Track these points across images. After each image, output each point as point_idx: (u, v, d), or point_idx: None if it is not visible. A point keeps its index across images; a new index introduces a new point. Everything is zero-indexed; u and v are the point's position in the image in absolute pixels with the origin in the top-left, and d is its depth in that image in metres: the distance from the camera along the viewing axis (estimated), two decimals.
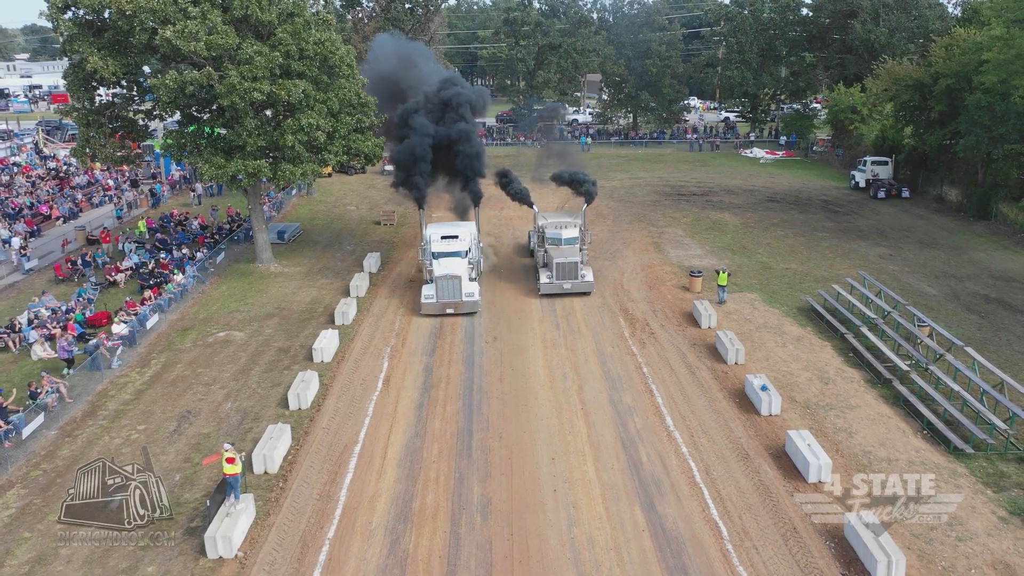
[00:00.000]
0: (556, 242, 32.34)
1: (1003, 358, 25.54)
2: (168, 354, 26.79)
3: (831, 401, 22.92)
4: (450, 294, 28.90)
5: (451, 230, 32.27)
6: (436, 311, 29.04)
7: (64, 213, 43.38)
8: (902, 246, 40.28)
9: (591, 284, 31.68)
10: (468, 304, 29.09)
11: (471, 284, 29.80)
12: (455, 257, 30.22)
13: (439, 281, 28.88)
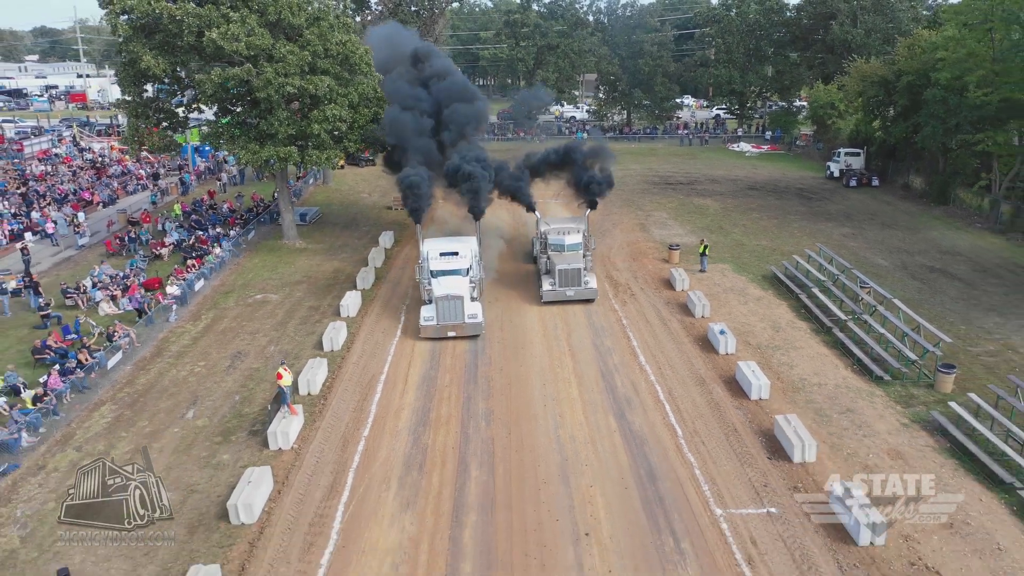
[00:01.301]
0: (559, 248, 31.60)
1: (933, 313, 29.76)
2: (215, 311, 31.14)
3: (779, 344, 27.23)
4: (451, 316, 27.02)
5: (451, 246, 30.22)
6: (436, 335, 27.20)
7: (104, 199, 47.70)
8: (865, 227, 44.53)
9: (595, 291, 30.89)
10: (471, 326, 27.22)
11: (473, 304, 27.76)
12: (455, 276, 28.32)
13: (439, 302, 27.00)
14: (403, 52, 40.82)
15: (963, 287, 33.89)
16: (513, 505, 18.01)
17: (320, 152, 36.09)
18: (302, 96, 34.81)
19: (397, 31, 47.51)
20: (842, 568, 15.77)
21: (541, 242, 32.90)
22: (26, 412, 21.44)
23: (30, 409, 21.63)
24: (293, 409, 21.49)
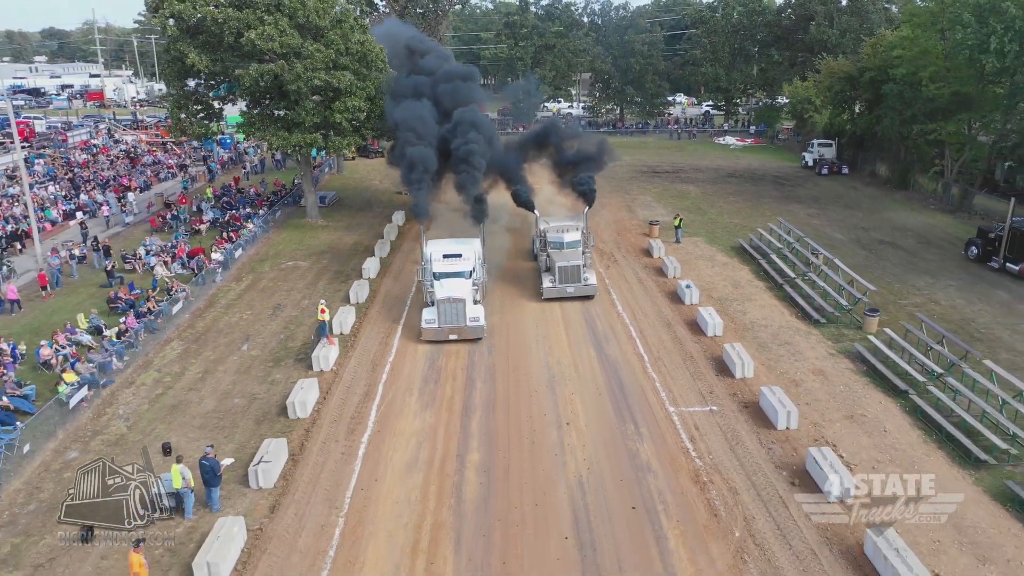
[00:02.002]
0: (558, 246, 32.03)
1: (874, 275, 34.43)
2: (254, 274, 36.01)
3: (737, 297, 32.12)
4: (453, 319, 26.93)
5: (454, 247, 29.94)
6: (437, 337, 27.07)
7: (139, 185, 52.53)
8: (829, 208, 49.37)
9: (594, 287, 31.39)
10: (472, 329, 27.11)
11: (475, 307, 27.60)
12: (458, 278, 28.11)
13: (441, 305, 26.92)
14: (401, 45, 45.30)
15: (906, 255, 38.73)
16: (510, 405, 22.87)
17: (341, 138, 40.96)
18: (326, 89, 39.59)
19: (396, 26, 52.34)
20: (761, 443, 20.61)
21: (541, 240, 33.23)
22: (113, 343, 26.29)
23: (116, 341, 26.48)
24: (331, 340, 26.37)
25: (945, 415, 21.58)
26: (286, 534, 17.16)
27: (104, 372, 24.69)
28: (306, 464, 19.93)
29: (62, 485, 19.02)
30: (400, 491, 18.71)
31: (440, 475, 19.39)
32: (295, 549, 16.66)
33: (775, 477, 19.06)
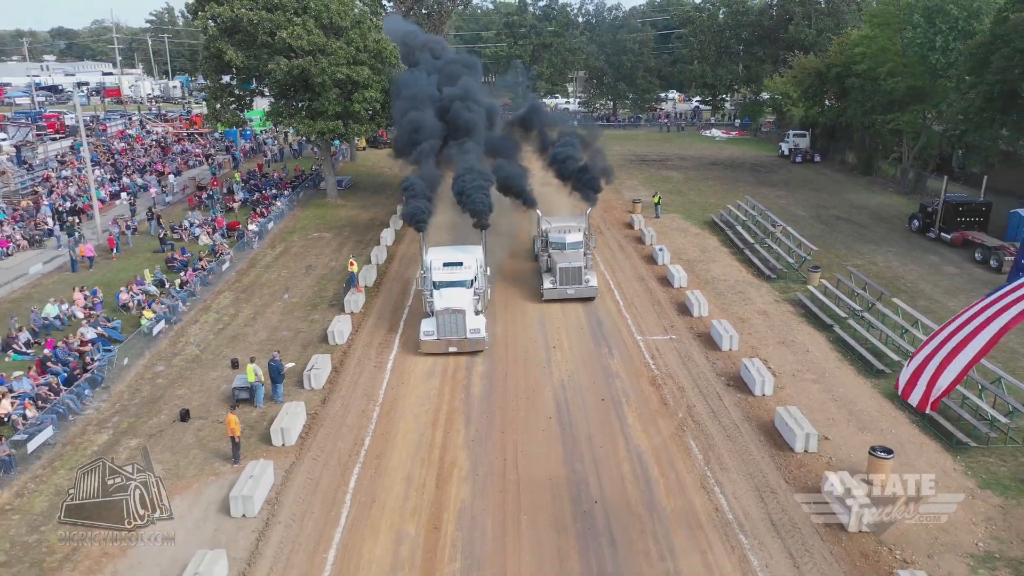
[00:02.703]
0: (560, 247, 31.82)
1: (826, 243, 39.69)
2: (285, 243, 41.30)
3: (703, 259, 37.43)
4: (453, 330, 25.86)
5: (454, 256, 29.11)
6: (437, 349, 26.02)
7: (172, 170, 57.79)
8: (797, 191, 54.65)
9: (595, 289, 31.19)
10: (473, 341, 26.03)
11: (476, 318, 26.62)
12: (459, 288, 27.21)
13: (440, 316, 25.83)
14: (406, 41, 50.14)
15: (857, 228, 44.03)
16: (508, 336, 28.17)
17: (360, 126, 46.24)
18: (346, 82, 44.80)
19: (397, 22, 57.60)
20: (708, 359, 25.91)
21: (542, 240, 33.04)
22: (178, 291, 31.61)
23: (180, 290, 31.80)
24: (359, 288, 31.68)
25: (860, 342, 26.87)
26: (336, 416, 22.48)
27: (173, 313, 29.98)
28: (346, 373, 25.28)
29: (155, 387, 24.38)
30: (422, 390, 24.03)
31: (452, 380, 24.71)
32: (344, 424, 21.99)
33: (715, 381, 24.38)
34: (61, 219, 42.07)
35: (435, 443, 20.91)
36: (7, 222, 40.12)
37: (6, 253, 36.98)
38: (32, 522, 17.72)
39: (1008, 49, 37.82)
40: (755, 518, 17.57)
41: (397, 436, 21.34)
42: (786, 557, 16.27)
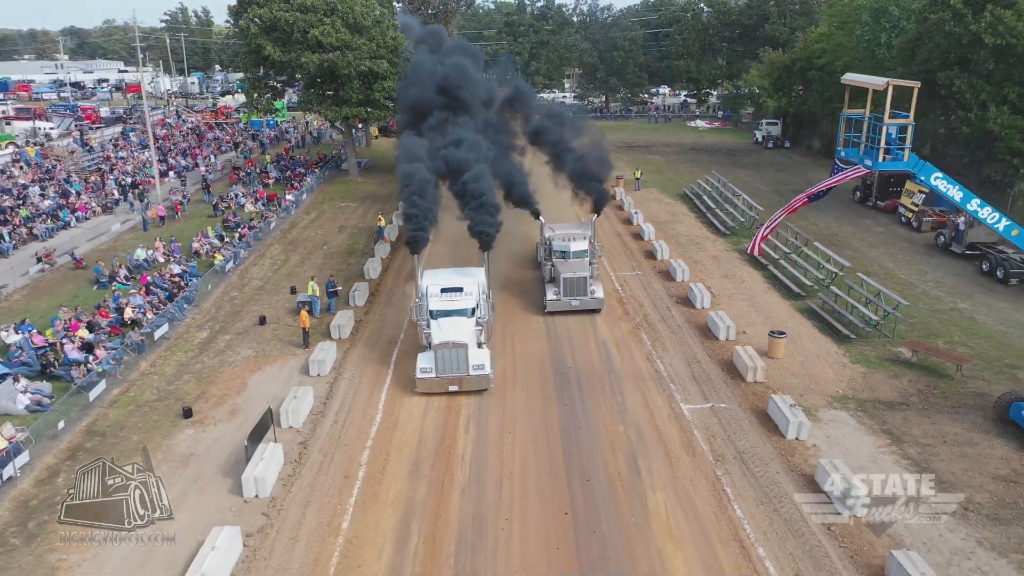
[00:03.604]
0: (564, 255, 30.41)
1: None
2: (317, 210, 48.44)
3: (671, 221, 44.60)
4: (453, 367, 22.91)
5: (454, 280, 26.01)
6: (435, 388, 23.07)
7: (208, 153, 64.94)
8: (764, 171, 61.73)
9: (601, 301, 29.57)
10: (476, 379, 23.08)
11: (480, 352, 23.68)
12: (459, 317, 24.25)
13: (439, 351, 22.88)
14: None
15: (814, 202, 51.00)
16: (504, 267, 35.26)
17: (380, 111, 53.36)
18: (368, 73, 51.86)
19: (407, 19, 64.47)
20: (664, 287, 33.05)
21: (545, 248, 31.85)
22: (239, 242, 38.77)
23: (239, 240, 38.95)
24: (386, 239, 38.84)
25: (787, 277, 34.03)
26: (375, 322, 29.67)
27: (236, 257, 37.13)
28: (380, 295, 32.53)
29: (234, 305, 31.53)
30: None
31: None
32: (384, 325, 29.18)
33: (667, 299, 31.55)
34: (124, 191, 49.18)
35: None
36: (83, 192, 47.23)
37: (85, 217, 44.06)
38: (168, 378, 24.93)
39: (930, 44, 44.89)
40: (682, 375, 24.76)
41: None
42: (699, 393, 23.46)
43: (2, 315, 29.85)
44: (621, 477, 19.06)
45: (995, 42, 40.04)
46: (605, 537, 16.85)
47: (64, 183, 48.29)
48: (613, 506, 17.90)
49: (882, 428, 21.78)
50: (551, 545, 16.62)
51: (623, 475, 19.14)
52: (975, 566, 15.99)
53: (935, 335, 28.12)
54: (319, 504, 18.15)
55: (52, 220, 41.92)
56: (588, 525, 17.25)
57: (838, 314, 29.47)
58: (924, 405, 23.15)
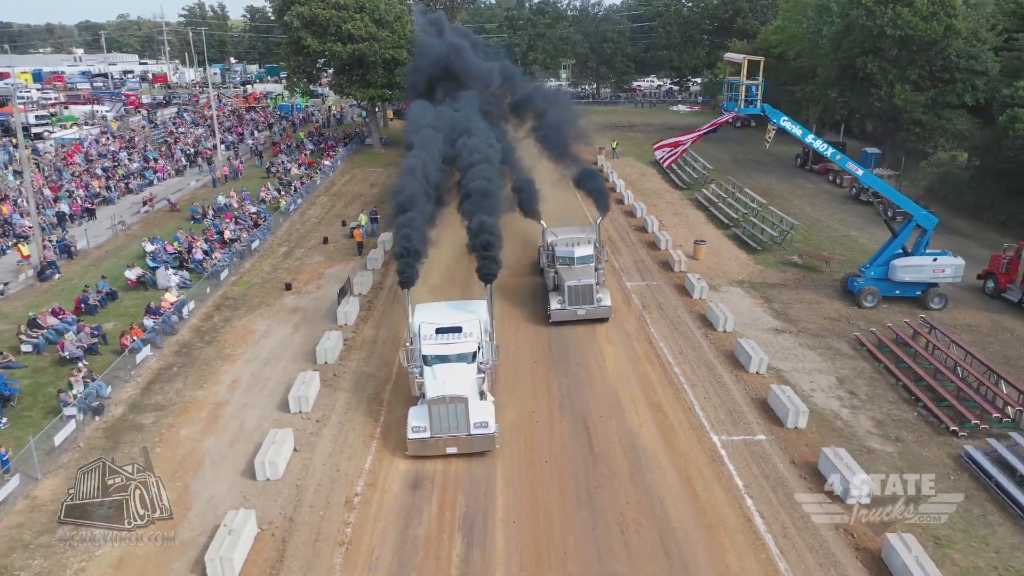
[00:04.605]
0: (568, 261, 28.94)
1: (729, 172, 57.04)
2: (350, 174, 58.70)
3: (640, 179, 54.88)
4: (452, 425, 19.46)
5: (451, 317, 22.46)
6: (430, 451, 19.61)
7: (250, 131, 75.20)
8: (727, 144, 71.79)
9: (608, 309, 28.11)
10: (479, 439, 19.62)
11: (483, 406, 20.21)
12: (459, 363, 20.96)
13: (434, 407, 19.41)
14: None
15: (758, 165, 61.40)
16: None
17: (400, 92, 63.59)
18: (390, 61, 61.95)
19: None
20: (626, 220, 43.30)
21: (548, 254, 30.44)
22: (295, 191, 49.08)
23: (296, 191, 49.26)
24: None
25: (722, 214, 44.28)
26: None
27: (295, 203, 47.43)
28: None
29: (301, 232, 41.79)
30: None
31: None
32: None
33: (627, 227, 41.85)
34: (190, 158, 59.46)
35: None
36: (159, 158, 57.55)
37: (163, 177, 54.32)
38: (266, 272, 35.29)
39: (851, 35, 55.01)
40: (629, 268, 35.03)
41: None
42: (639, 277, 33.76)
43: (129, 239, 40.15)
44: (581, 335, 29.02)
45: (896, 33, 50.14)
46: (571, 350, 27.17)
47: (143, 151, 58.57)
48: (577, 347, 28.00)
49: (762, 296, 32.15)
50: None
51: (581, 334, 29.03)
52: (792, 353, 26.37)
53: (823, 249, 38.34)
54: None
55: (141, 178, 52.20)
56: (560, 369, 27.54)
57: (752, 235, 39.79)
58: (795, 285, 33.53)
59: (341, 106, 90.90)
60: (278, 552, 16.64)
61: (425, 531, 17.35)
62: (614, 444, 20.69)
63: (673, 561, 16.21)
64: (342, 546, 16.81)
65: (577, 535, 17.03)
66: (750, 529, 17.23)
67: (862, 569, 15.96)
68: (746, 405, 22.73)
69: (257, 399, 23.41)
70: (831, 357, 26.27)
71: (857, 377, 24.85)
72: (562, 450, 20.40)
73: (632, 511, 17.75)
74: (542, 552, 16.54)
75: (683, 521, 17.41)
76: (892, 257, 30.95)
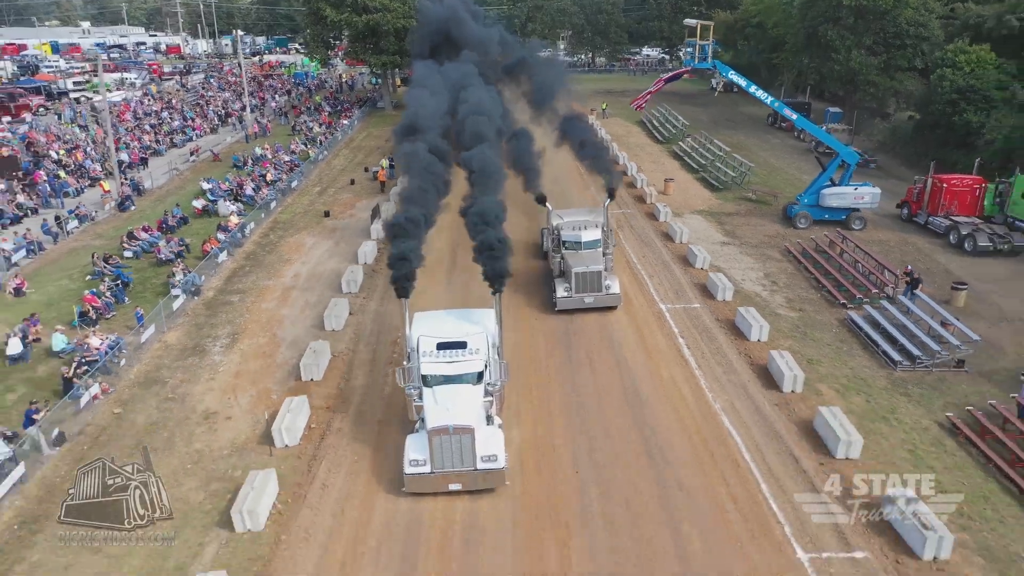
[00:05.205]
0: (575, 246, 27.88)
1: (707, 129, 63.70)
2: (366, 132, 65.34)
3: (626, 135, 61.60)
4: (455, 460, 17.20)
5: (454, 328, 19.57)
6: (431, 488, 17.38)
7: (272, 95, 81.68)
8: (709, 108, 78.33)
9: (617, 297, 26.98)
10: (487, 475, 17.31)
11: (491, 435, 17.78)
12: (463, 385, 18.21)
13: (436, 439, 17.14)
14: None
15: (733, 124, 68.05)
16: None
17: (409, 59, 69.98)
18: (401, 30, 68.24)
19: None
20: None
21: (553, 238, 29.22)
22: (321, 144, 55.85)
23: (321, 144, 56.02)
24: None
25: (693, 162, 51.12)
26: None
27: (321, 153, 54.22)
28: None
29: (330, 176, 48.65)
30: None
31: None
32: None
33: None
34: (222, 118, 66.16)
35: None
36: (196, 118, 64.26)
37: (200, 134, 61.07)
38: (305, 205, 42.25)
39: (814, 5, 61.38)
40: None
41: None
42: (617, 208, 40.72)
43: (184, 182, 47.04)
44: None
45: (853, 3, 56.56)
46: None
47: (182, 111, 65.30)
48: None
49: (717, 221, 39.18)
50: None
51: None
52: (733, 258, 33.44)
53: (777, 188, 45.19)
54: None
55: (182, 134, 58.97)
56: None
57: (716, 177, 46.69)
58: (746, 214, 40.53)
59: (351, 74, 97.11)
60: (347, 365, 23.94)
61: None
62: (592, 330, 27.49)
63: (623, 371, 23.38)
64: (389, 364, 23.99)
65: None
66: (679, 354, 24.41)
67: (752, 373, 23.11)
68: (688, 287, 29.86)
69: (315, 286, 30.51)
70: (763, 260, 33.35)
71: (780, 273, 31.94)
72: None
73: (595, 348, 24.89)
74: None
75: (632, 352, 24.56)
76: (822, 187, 37.88)
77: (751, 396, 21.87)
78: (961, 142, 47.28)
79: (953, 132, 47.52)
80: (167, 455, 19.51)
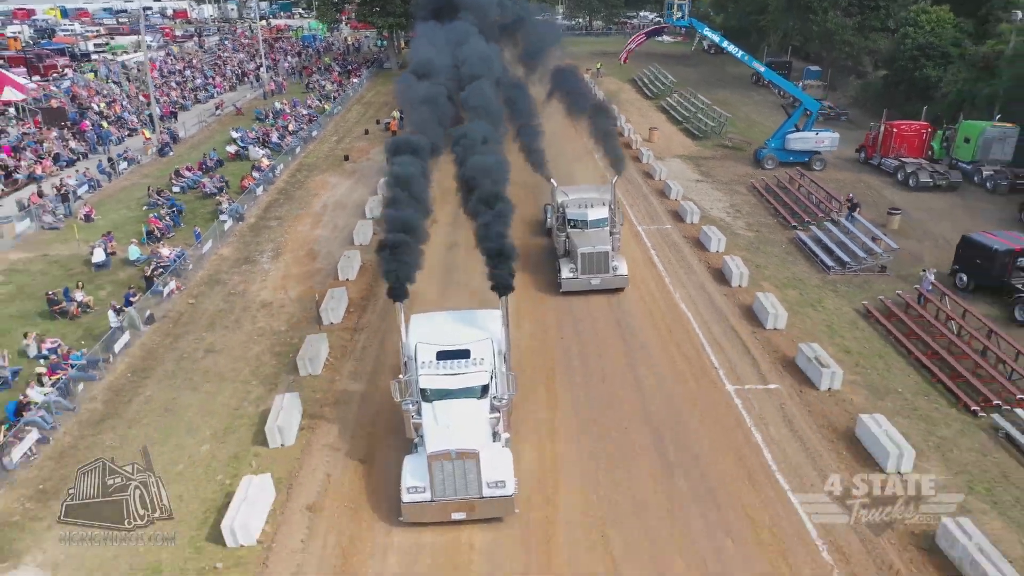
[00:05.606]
0: (581, 225, 26.85)
1: (695, 86, 68.01)
2: (375, 90, 69.62)
3: (618, 91, 65.95)
4: (458, 487, 15.39)
5: (456, 334, 17.59)
6: (432, 517, 15.53)
7: (280, 58, 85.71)
8: (699, 67, 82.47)
9: (625, 278, 26.15)
10: (495, 503, 15.48)
11: (498, 458, 15.92)
12: (465, 400, 16.33)
13: (436, 464, 15.35)
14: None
15: (720, 83, 72.21)
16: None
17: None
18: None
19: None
20: None
21: (558, 216, 27.91)
22: (334, 99, 60.28)
23: (334, 99, 60.45)
24: None
25: (678, 115, 55.66)
26: None
27: (336, 109, 58.69)
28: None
29: (345, 128, 53.26)
30: None
31: None
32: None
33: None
34: (238, 77, 70.46)
35: None
36: (215, 76, 68.60)
37: (220, 92, 65.46)
38: (325, 151, 46.96)
39: None
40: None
41: None
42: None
43: (213, 132, 51.66)
44: None
45: None
46: None
47: (202, 70, 69.62)
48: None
49: (695, 163, 43.97)
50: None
51: None
52: (704, 192, 38.28)
53: (753, 138, 49.77)
54: None
55: (204, 91, 63.42)
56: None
57: (697, 127, 51.31)
58: (721, 158, 45.32)
59: (357, 37, 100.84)
60: (374, 273, 29.00)
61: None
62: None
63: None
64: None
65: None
66: (651, 261, 29.41)
67: (708, 275, 28.13)
68: (663, 213, 34.81)
69: (341, 213, 35.43)
70: (730, 194, 38.24)
71: (744, 204, 36.85)
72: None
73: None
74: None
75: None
76: (787, 132, 42.58)
77: (706, 289, 26.91)
78: (922, 95, 51.70)
79: (915, 86, 51.96)
80: (236, 331, 24.59)
